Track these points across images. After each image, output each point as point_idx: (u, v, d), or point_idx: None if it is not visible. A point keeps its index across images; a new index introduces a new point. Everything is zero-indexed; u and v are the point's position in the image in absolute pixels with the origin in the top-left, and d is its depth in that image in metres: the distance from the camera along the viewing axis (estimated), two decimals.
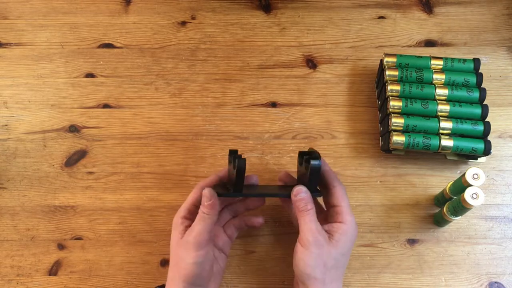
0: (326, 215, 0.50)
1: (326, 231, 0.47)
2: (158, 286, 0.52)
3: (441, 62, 0.59)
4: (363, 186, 0.59)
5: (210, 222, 0.47)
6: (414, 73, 0.58)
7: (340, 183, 0.49)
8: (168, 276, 0.48)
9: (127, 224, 0.58)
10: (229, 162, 0.51)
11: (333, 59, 0.65)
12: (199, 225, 0.47)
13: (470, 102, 0.57)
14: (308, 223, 0.46)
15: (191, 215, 0.49)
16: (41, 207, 0.58)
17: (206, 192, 0.48)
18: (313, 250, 0.45)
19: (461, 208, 0.50)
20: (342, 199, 0.48)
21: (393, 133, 0.56)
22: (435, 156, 0.59)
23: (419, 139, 0.55)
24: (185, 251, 0.47)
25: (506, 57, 0.64)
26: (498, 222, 0.57)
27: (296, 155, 0.59)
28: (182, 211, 0.50)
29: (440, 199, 0.56)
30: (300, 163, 0.52)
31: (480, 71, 0.59)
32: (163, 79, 0.64)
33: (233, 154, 0.49)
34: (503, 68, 0.64)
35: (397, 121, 0.56)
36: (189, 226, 0.48)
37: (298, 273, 0.46)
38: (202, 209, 0.48)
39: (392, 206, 0.58)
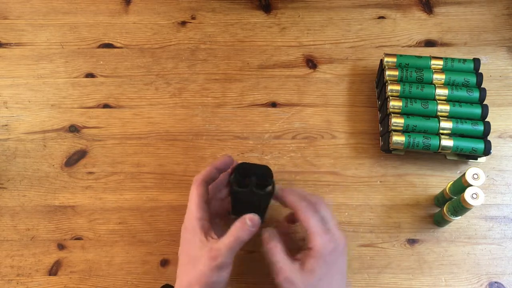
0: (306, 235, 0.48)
1: (299, 260, 0.46)
2: (164, 285, 0.51)
3: (441, 62, 0.59)
4: (363, 186, 0.59)
5: (240, 247, 0.46)
6: (414, 73, 0.58)
7: (301, 204, 0.47)
8: (182, 279, 0.46)
9: (127, 224, 0.58)
10: (236, 186, 0.47)
11: (333, 59, 0.65)
12: (231, 249, 0.45)
13: (470, 102, 0.57)
14: (276, 264, 0.45)
15: (205, 213, 0.47)
16: (41, 207, 0.58)
17: (255, 219, 0.46)
18: (287, 287, 0.44)
19: (461, 208, 0.50)
20: (307, 223, 0.46)
21: (393, 133, 0.56)
22: (435, 156, 0.59)
23: (419, 139, 0.55)
24: (210, 268, 0.44)
25: (506, 57, 0.64)
26: (498, 222, 0.57)
27: (297, 155, 0.60)
28: (195, 211, 0.47)
29: (440, 199, 0.56)
30: (236, 187, 0.48)
31: (480, 71, 0.59)
32: (163, 79, 0.64)
33: (266, 175, 0.46)
34: (503, 68, 0.64)
35: (397, 121, 0.56)
36: (208, 227, 0.46)
37: None
38: (240, 233, 0.45)
39: (392, 206, 0.58)
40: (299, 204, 0.47)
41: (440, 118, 0.56)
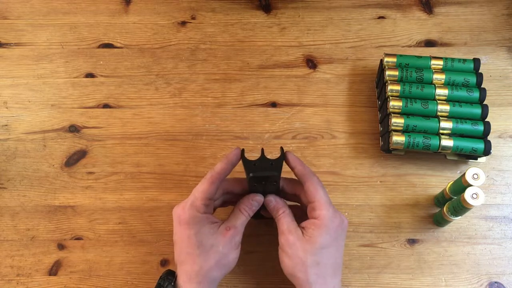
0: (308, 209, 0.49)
1: (303, 227, 0.47)
2: (166, 272, 0.50)
3: (441, 62, 0.59)
4: (363, 186, 0.59)
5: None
6: (414, 73, 0.58)
7: (312, 177, 0.47)
8: (193, 267, 0.46)
9: (127, 224, 0.58)
10: (252, 180, 0.48)
11: (333, 59, 0.65)
12: (242, 225, 0.49)
13: (470, 102, 0.57)
14: (280, 227, 0.48)
15: (208, 209, 0.48)
16: (41, 207, 0.58)
17: (259, 198, 0.49)
18: (287, 250, 0.46)
19: (461, 208, 0.50)
20: (315, 194, 0.47)
21: (393, 133, 0.56)
22: (435, 156, 0.59)
23: (419, 139, 0.55)
24: (230, 247, 0.47)
25: (506, 57, 0.64)
26: (498, 222, 0.57)
27: (297, 155, 0.59)
28: (199, 206, 0.47)
29: (440, 199, 0.56)
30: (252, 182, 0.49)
31: (480, 71, 0.59)
32: (163, 79, 0.64)
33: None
34: (503, 68, 0.64)
35: (397, 121, 0.56)
36: (212, 220, 0.48)
37: (287, 277, 0.47)
38: (249, 211, 0.49)
39: (392, 206, 0.58)
40: (310, 176, 0.48)
41: (440, 118, 0.56)
